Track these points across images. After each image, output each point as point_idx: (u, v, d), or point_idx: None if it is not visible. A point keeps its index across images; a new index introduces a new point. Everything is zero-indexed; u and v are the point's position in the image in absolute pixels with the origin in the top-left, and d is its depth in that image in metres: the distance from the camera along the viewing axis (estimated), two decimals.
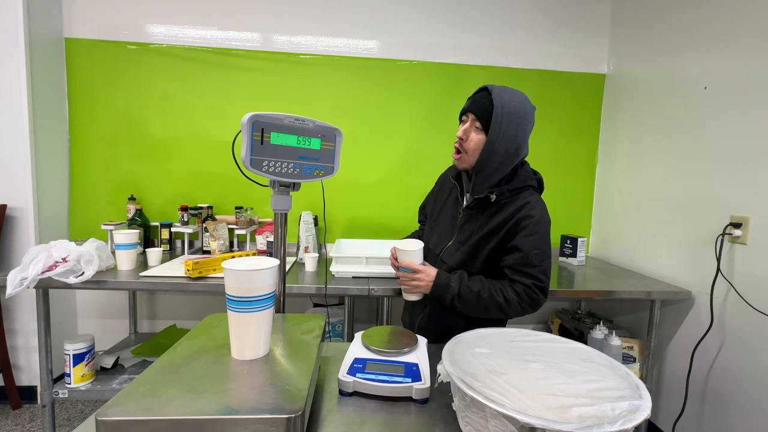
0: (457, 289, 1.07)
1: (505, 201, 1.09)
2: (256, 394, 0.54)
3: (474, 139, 1.07)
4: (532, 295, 1.06)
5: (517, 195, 1.10)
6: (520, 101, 1.05)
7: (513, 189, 1.09)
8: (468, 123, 1.09)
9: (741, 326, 1.47)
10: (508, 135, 1.03)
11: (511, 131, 1.03)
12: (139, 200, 2.09)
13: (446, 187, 1.28)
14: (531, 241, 1.05)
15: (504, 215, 1.08)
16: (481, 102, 1.06)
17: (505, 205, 1.09)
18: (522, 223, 1.05)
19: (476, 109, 1.06)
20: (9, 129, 1.86)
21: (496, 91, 1.04)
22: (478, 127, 1.06)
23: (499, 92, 1.04)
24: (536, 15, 2.25)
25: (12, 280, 1.36)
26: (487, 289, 1.06)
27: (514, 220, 1.06)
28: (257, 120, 0.84)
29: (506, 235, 1.07)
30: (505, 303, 1.05)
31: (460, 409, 0.59)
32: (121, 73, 2.08)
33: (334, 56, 2.17)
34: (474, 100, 1.09)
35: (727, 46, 1.57)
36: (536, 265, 1.05)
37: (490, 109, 1.03)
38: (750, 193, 1.46)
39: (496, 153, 1.05)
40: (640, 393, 0.55)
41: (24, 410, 1.99)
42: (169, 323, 2.20)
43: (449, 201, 1.24)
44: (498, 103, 1.02)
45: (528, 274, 1.05)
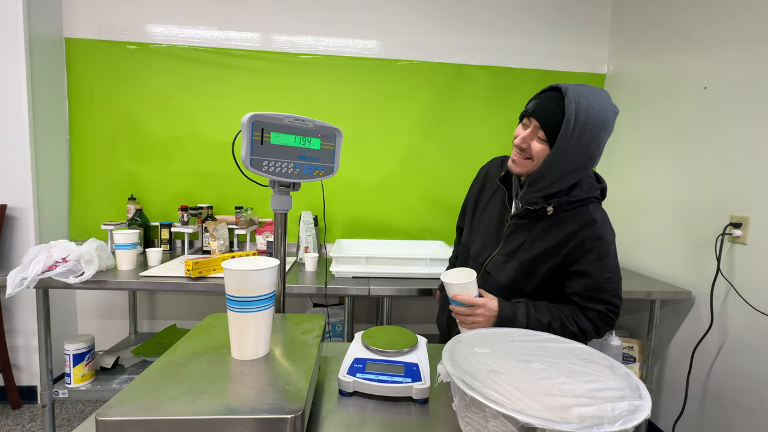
0: (525, 323, 0.94)
1: (565, 214, 0.95)
2: (256, 394, 0.54)
3: (536, 149, 0.90)
4: (608, 321, 0.96)
5: (579, 208, 0.95)
6: (600, 107, 0.85)
7: (574, 202, 0.94)
8: (530, 130, 0.91)
9: (741, 326, 1.47)
10: (578, 148, 0.86)
11: (583, 144, 0.85)
12: (139, 200, 2.09)
13: (491, 186, 1.12)
14: (602, 266, 0.93)
15: (565, 232, 0.94)
16: (549, 107, 0.87)
17: (566, 219, 0.95)
18: (588, 244, 0.93)
19: (542, 116, 0.87)
20: (9, 129, 1.86)
21: (572, 94, 0.84)
22: (541, 137, 0.89)
23: (575, 96, 0.84)
24: (536, 15, 2.25)
25: (12, 280, 1.36)
26: (557, 320, 0.94)
27: (578, 240, 0.93)
28: (257, 120, 0.84)
29: (569, 255, 0.94)
30: (580, 333, 0.94)
31: (460, 409, 0.59)
32: (121, 73, 2.08)
33: (334, 56, 2.17)
34: (541, 102, 0.89)
35: (727, 47, 1.57)
36: (609, 290, 0.94)
37: (560, 116, 0.84)
38: (750, 193, 1.46)
39: (560, 167, 0.89)
40: (640, 393, 0.55)
41: (24, 410, 1.99)
42: (169, 323, 2.19)
43: (494, 203, 1.09)
44: (571, 111, 0.83)
45: (602, 300, 0.95)
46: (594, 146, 0.87)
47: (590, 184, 0.98)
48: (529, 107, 0.91)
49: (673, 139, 1.82)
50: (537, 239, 0.97)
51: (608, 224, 0.96)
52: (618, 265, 0.97)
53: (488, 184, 1.14)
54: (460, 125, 2.26)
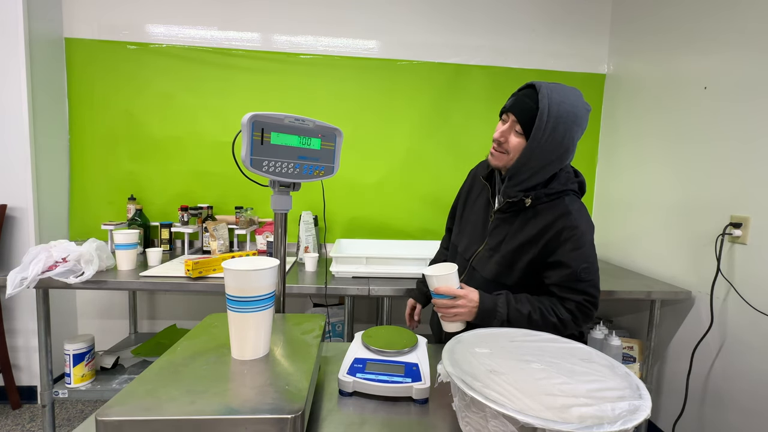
0: (505, 313, 0.96)
1: (543, 206, 0.99)
2: (256, 394, 0.54)
3: (513, 142, 0.96)
4: (586, 311, 0.98)
5: (556, 200, 0.99)
6: (572, 103, 0.91)
7: (551, 194, 0.98)
8: (507, 124, 0.97)
9: (741, 326, 1.47)
10: (552, 141, 0.91)
11: (557, 137, 0.91)
12: (139, 200, 2.09)
13: (477, 185, 1.17)
14: (578, 255, 0.95)
15: (542, 223, 0.97)
16: (525, 102, 0.93)
17: (543, 211, 0.98)
18: (564, 234, 0.95)
19: (518, 110, 0.94)
20: (9, 129, 1.86)
21: (544, 90, 0.90)
22: (518, 131, 0.94)
23: (548, 92, 0.90)
24: (536, 15, 2.25)
25: (12, 280, 1.36)
26: (537, 311, 0.97)
27: (555, 230, 0.96)
28: (257, 120, 0.84)
29: (547, 246, 0.97)
30: (560, 323, 0.97)
31: (460, 409, 0.59)
32: (122, 73, 2.08)
33: (334, 56, 2.17)
34: (517, 98, 0.96)
35: (727, 46, 1.57)
36: (586, 280, 0.96)
37: (534, 111, 0.91)
38: (750, 193, 1.46)
39: (536, 159, 0.94)
40: (640, 393, 0.55)
41: (24, 410, 1.99)
42: (169, 323, 2.19)
43: (480, 201, 1.14)
44: (544, 105, 0.89)
45: (579, 291, 0.97)
46: (567, 140, 0.92)
47: (567, 177, 1.02)
48: (507, 104, 0.98)
49: (673, 139, 1.82)
50: (517, 232, 1.01)
51: (585, 215, 0.99)
52: (595, 255, 0.99)
53: (475, 184, 1.19)
54: (460, 125, 2.26)
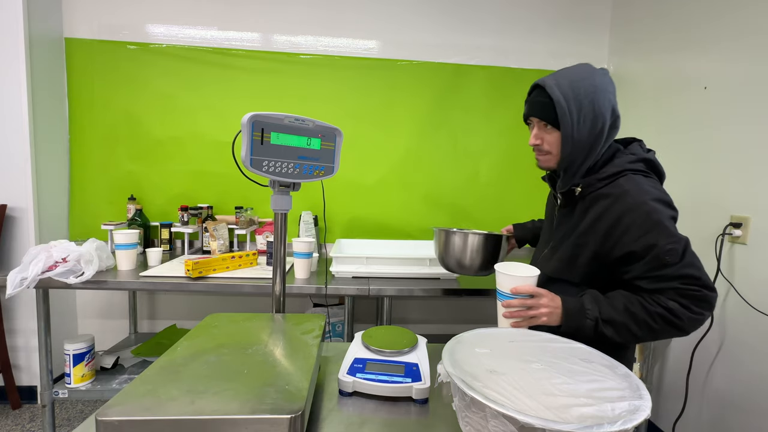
0: (596, 310, 0.84)
1: (596, 193, 0.90)
2: (256, 394, 0.54)
3: (549, 140, 0.94)
4: (693, 294, 0.80)
5: (610, 184, 0.89)
6: (582, 76, 0.89)
7: (603, 178, 0.89)
8: (536, 128, 0.96)
9: (741, 326, 1.47)
10: (584, 119, 0.88)
11: (586, 114, 0.88)
12: (139, 200, 2.09)
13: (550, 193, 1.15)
14: (650, 239, 0.81)
15: (598, 211, 0.88)
16: (539, 102, 0.93)
17: (597, 198, 0.90)
18: (625, 219, 0.83)
19: (537, 112, 0.94)
20: (9, 129, 1.86)
21: (549, 81, 0.90)
22: (548, 128, 0.94)
23: (553, 81, 0.90)
24: (536, 15, 2.25)
25: (12, 280, 1.36)
26: (635, 302, 0.83)
27: (612, 218, 0.85)
28: (257, 120, 0.84)
29: (608, 237, 0.86)
30: (667, 312, 0.81)
31: (460, 409, 0.59)
32: (121, 73, 2.08)
33: (334, 56, 2.17)
34: (531, 102, 0.96)
35: (728, 46, 1.57)
36: (674, 263, 0.81)
37: (552, 104, 0.89)
38: (750, 193, 1.46)
39: (578, 144, 0.90)
40: (640, 393, 0.55)
41: (24, 410, 1.99)
42: (169, 323, 2.20)
43: (549, 204, 1.13)
44: (556, 94, 0.88)
45: (670, 277, 0.81)
46: (598, 109, 0.88)
47: (627, 158, 0.91)
48: (525, 111, 0.99)
49: (672, 138, 1.82)
50: (575, 225, 0.94)
51: (649, 190, 0.85)
52: (675, 229, 0.83)
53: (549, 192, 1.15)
54: (461, 125, 2.26)
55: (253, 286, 1.51)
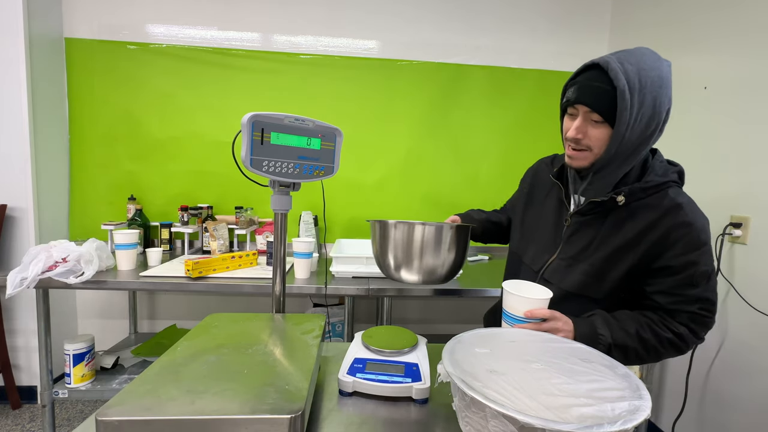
0: (609, 335, 0.79)
1: (639, 203, 0.82)
2: (256, 394, 0.54)
3: (594, 135, 0.79)
4: (704, 321, 0.80)
5: (656, 195, 0.82)
6: (651, 66, 0.75)
7: (649, 188, 0.81)
8: (580, 118, 0.80)
9: (741, 326, 1.47)
10: (642, 118, 0.76)
11: (646, 112, 0.75)
12: (139, 200, 2.09)
13: (542, 187, 1.01)
14: (693, 258, 0.78)
15: (643, 223, 0.80)
16: (595, 87, 0.77)
17: (641, 208, 0.82)
18: (674, 234, 0.78)
19: (590, 99, 0.77)
20: (9, 129, 1.86)
21: (614, 64, 0.74)
22: (596, 120, 0.78)
23: (620, 65, 0.74)
24: (536, 15, 2.25)
25: (12, 280, 1.36)
26: (646, 327, 0.80)
27: (661, 230, 0.79)
28: (257, 120, 0.84)
29: (650, 250, 0.80)
30: (677, 338, 0.80)
31: (460, 409, 0.59)
32: (121, 73, 2.08)
33: (334, 56, 2.17)
34: (582, 85, 0.79)
35: (727, 46, 1.57)
36: (701, 285, 0.79)
37: (611, 92, 0.74)
38: (750, 193, 1.46)
39: (630, 141, 0.78)
40: (640, 393, 0.55)
41: (24, 410, 1.99)
42: (169, 323, 2.20)
43: (548, 204, 0.97)
44: (623, 84, 0.73)
45: (693, 299, 0.79)
46: (659, 109, 0.77)
47: (664, 167, 0.85)
48: (571, 95, 0.80)
49: (672, 138, 1.82)
50: (608, 236, 0.84)
51: (698, 210, 0.81)
52: (713, 255, 0.82)
53: (538, 184, 1.03)
54: (461, 125, 2.26)
55: (253, 286, 1.51)
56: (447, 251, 0.88)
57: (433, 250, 0.87)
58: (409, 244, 0.87)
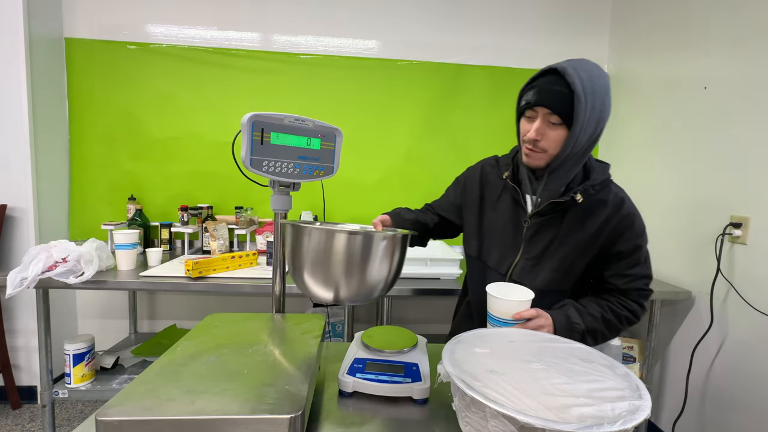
0: (582, 323, 0.87)
1: (592, 200, 0.90)
2: (256, 394, 0.54)
3: (551, 137, 0.85)
4: (647, 293, 0.94)
5: (603, 191, 0.92)
6: (598, 74, 0.82)
7: (597, 185, 0.91)
8: (539, 120, 0.84)
9: (741, 326, 1.47)
10: (592, 121, 0.82)
11: (596, 115, 0.82)
12: (139, 200, 2.09)
13: (492, 189, 1.04)
14: (638, 242, 0.91)
15: (600, 218, 0.90)
16: (554, 90, 0.82)
17: (596, 204, 0.90)
18: (625, 222, 0.90)
19: (551, 102, 0.82)
20: (9, 128, 1.86)
21: (571, 70, 0.81)
22: (554, 122, 0.83)
23: (575, 72, 0.80)
24: (536, 15, 2.25)
25: (12, 280, 1.36)
26: (608, 309, 0.91)
27: (614, 223, 0.90)
28: (257, 120, 0.84)
29: (607, 240, 0.90)
30: (632, 315, 0.92)
31: (460, 409, 0.59)
32: (121, 73, 2.08)
33: (334, 56, 2.17)
34: (543, 89, 0.83)
35: (727, 46, 1.57)
36: (644, 262, 0.93)
37: (569, 96, 0.80)
38: (750, 193, 1.46)
39: (581, 142, 0.84)
40: (640, 393, 0.55)
41: (24, 410, 1.99)
42: (169, 323, 2.20)
43: (502, 207, 1.00)
44: (579, 88, 0.79)
45: (639, 276, 0.92)
46: (604, 114, 0.84)
47: (600, 166, 0.95)
48: (531, 98, 0.85)
49: (673, 139, 1.82)
50: (570, 232, 0.91)
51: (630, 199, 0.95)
52: None
53: (488, 186, 1.05)
54: (461, 125, 2.26)
55: (253, 286, 1.51)
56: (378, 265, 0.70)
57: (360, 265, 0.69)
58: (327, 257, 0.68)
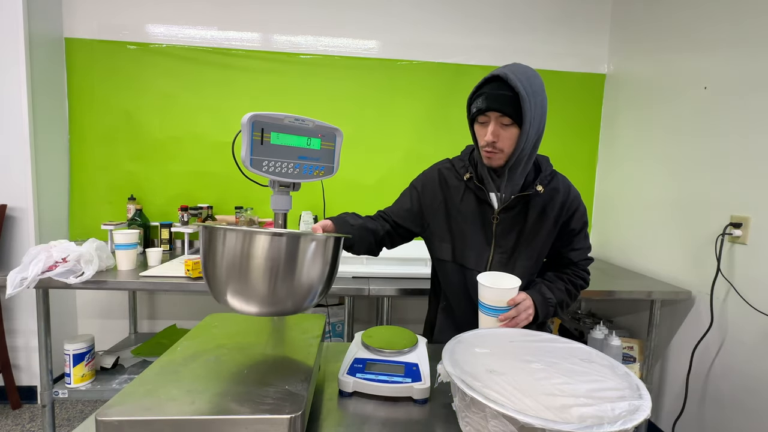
0: (554, 298, 1.00)
1: (548, 189, 1.02)
2: (256, 394, 0.54)
3: (505, 137, 0.92)
4: (591, 261, 1.10)
5: (553, 180, 1.04)
6: (533, 75, 0.92)
7: (548, 175, 1.03)
8: (492, 123, 0.92)
9: (741, 326, 1.47)
10: (537, 118, 0.92)
11: (539, 111, 0.92)
12: (139, 200, 2.09)
13: (453, 193, 1.09)
14: (585, 219, 1.06)
15: (557, 205, 1.02)
16: (501, 95, 0.89)
17: (551, 192, 1.02)
18: (573, 205, 1.03)
19: (499, 106, 0.89)
20: (9, 129, 1.86)
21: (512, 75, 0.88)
22: (506, 124, 0.91)
23: (515, 76, 0.88)
24: (536, 15, 2.25)
25: (12, 280, 1.36)
26: (568, 282, 1.05)
27: (568, 206, 1.02)
28: (257, 120, 0.84)
29: (565, 221, 1.03)
30: (584, 282, 1.08)
31: (460, 409, 0.59)
32: (121, 73, 2.08)
33: (334, 56, 2.17)
34: (491, 95, 0.90)
35: (727, 47, 1.57)
36: (587, 236, 1.09)
37: (514, 99, 0.88)
38: (750, 193, 1.46)
39: (530, 139, 0.93)
40: (640, 393, 0.55)
41: (24, 410, 1.99)
42: (169, 323, 2.19)
43: (467, 207, 1.05)
44: (523, 90, 0.87)
45: (587, 248, 1.09)
46: (545, 109, 0.94)
47: (543, 158, 1.07)
48: (481, 104, 0.92)
49: (673, 139, 1.82)
50: (536, 222, 1.02)
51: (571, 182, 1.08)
52: None
53: (449, 189, 1.10)
54: (461, 125, 2.22)
55: None
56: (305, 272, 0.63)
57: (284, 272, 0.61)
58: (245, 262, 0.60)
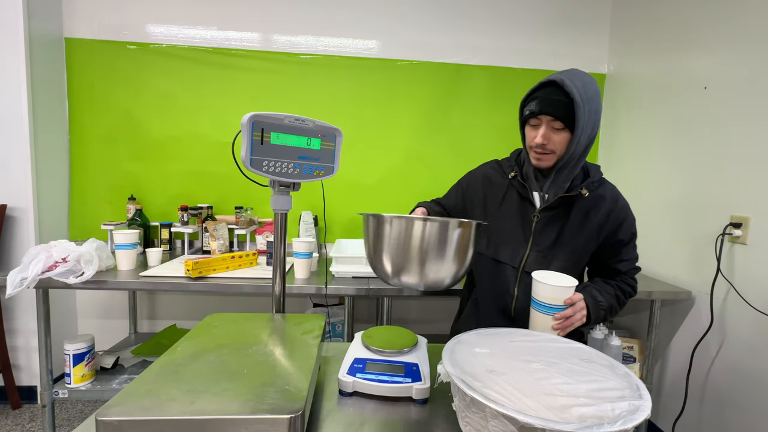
0: (605, 302, 0.99)
1: (594, 195, 1.03)
2: (256, 394, 0.54)
3: (556, 140, 0.95)
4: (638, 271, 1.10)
5: (601, 186, 1.05)
6: (589, 81, 0.94)
7: (595, 181, 1.04)
8: (544, 126, 0.95)
9: (741, 326, 1.47)
10: (591, 121, 0.93)
11: (593, 118, 0.94)
12: (139, 200, 2.09)
13: (496, 190, 1.11)
14: (633, 230, 1.06)
15: (603, 211, 1.02)
16: (555, 99, 0.92)
17: (597, 198, 1.03)
18: (621, 215, 1.04)
19: (552, 110, 0.93)
20: (9, 129, 1.86)
21: (567, 81, 0.91)
22: (557, 128, 0.94)
23: (571, 82, 0.91)
24: (536, 15, 2.25)
25: (12, 280, 1.36)
26: (616, 287, 1.06)
27: (614, 215, 1.03)
28: (257, 120, 0.84)
29: (611, 230, 1.03)
30: (632, 290, 1.08)
31: (460, 409, 0.59)
32: (121, 73, 2.08)
33: (334, 56, 2.17)
34: (543, 99, 0.94)
35: (727, 47, 1.57)
36: (635, 247, 1.09)
37: (569, 104, 0.91)
38: (750, 193, 1.46)
39: (581, 144, 0.95)
40: (640, 393, 0.55)
41: (24, 410, 1.99)
42: (169, 323, 2.20)
43: (510, 204, 1.08)
44: (578, 96, 0.90)
45: (635, 258, 1.09)
46: (599, 116, 0.96)
47: (593, 166, 1.07)
48: (534, 108, 0.95)
49: (673, 139, 1.82)
50: (578, 224, 1.03)
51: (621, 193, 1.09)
52: None
53: (492, 187, 1.12)
54: (461, 125, 2.26)
55: (253, 286, 1.51)
56: (461, 252, 0.82)
57: (456, 251, 0.80)
58: (407, 244, 0.79)
